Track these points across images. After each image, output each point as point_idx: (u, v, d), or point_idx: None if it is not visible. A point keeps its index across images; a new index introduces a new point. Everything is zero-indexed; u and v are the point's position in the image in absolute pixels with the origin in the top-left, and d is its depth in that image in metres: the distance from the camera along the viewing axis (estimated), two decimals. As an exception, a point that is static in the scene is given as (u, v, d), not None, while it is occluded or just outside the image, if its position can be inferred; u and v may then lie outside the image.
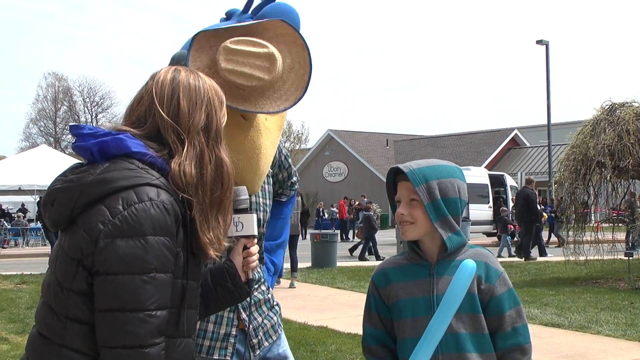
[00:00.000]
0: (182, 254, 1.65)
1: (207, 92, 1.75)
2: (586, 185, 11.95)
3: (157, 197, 1.59)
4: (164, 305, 1.59)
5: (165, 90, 1.71)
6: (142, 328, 1.54)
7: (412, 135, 51.12)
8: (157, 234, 1.57)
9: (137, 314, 1.54)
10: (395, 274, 2.18)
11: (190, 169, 1.66)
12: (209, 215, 1.70)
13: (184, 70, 1.78)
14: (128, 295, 1.54)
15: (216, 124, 1.74)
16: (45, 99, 56.85)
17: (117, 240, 1.55)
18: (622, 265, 12.21)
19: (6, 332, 8.13)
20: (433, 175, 2.10)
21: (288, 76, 2.15)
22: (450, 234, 2.09)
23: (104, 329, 1.56)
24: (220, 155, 1.73)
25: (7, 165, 25.60)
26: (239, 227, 1.97)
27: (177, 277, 1.65)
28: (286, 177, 2.68)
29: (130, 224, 1.56)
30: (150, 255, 1.55)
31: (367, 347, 2.21)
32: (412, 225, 2.11)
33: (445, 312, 1.98)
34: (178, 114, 1.69)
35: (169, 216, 1.59)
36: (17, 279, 13.50)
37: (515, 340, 2.10)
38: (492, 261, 2.16)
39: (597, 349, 6.99)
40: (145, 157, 1.65)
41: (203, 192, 1.68)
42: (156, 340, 1.57)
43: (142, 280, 1.55)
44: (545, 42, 27.68)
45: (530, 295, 10.24)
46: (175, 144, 1.68)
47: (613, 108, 11.71)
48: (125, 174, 1.61)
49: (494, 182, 28.00)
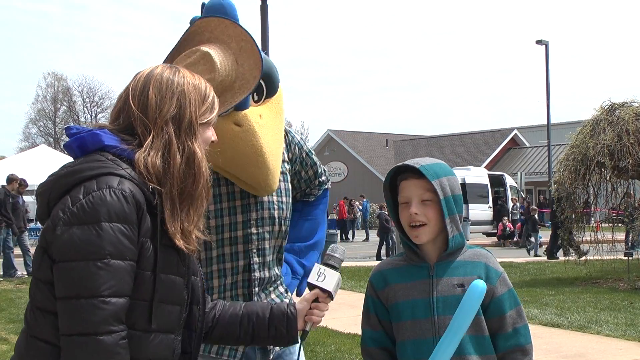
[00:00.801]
0: (150, 245, 1.63)
1: (182, 85, 1.74)
2: (586, 185, 11.95)
3: (117, 185, 1.60)
4: (121, 292, 1.56)
5: (139, 84, 1.74)
6: (95, 315, 1.52)
7: (412, 135, 51.13)
8: (113, 221, 1.56)
9: (91, 300, 1.53)
10: (393, 275, 2.16)
11: (154, 160, 1.65)
12: (178, 206, 1.69)
13: (163, 66, 1.79)
14: (82, 281, 1.53)
15: (190, 116, 1.73)
16: (44, 99, 56.89)
17: (74, 227, 1.56)
18: (621, 265, 12.22)
19: (6, 332, 8.12)
20: (441, 172, 2.08)
21: (239, 60, 2.14)
22: (456, 233, 2.08)
23: (61, 317, 1.56)
24: (193, 148, 1.71)
25: (7, 165, 25.58)
26: (320, 278, 1.96)
27: (145, 269, 1.62)
28: (312, 176, 2.60)
29: (86, 211, 1.57)
30: (104, 242, 1.55)
31: (366, 350, 2.19)
32: (425, 226, 2.06)
33: (454, 333, 1.93)
34: (146, 105, 1.70)
35: (127, 204, 1.59)
36: (16, 279, 13.52)
37: (517, 340, 2.09)
38: (492, 261, 2.14)
39: (596, 349, 6.99)
40: (116, 150, 1.67)
41: (171, 183, 1.67)
42: (112, 328, 1.54)
43: (96, 267, 1.54)
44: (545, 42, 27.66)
45: (530, 295, 10.24)
46: (144, 135, 1.69)
47: (612, 108, 11.71)
48: (92, 165, 1.64)
49: (494, 182, 28.02)
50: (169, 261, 1.68)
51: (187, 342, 1.85)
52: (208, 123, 1.80)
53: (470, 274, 2.09)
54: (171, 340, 1.72)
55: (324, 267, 1.98)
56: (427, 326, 2.06)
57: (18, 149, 52.52)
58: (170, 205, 1.67)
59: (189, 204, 1.72)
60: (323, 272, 1.97)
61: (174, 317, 1.72)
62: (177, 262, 1.71)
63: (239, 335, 1.96)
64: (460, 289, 2.07)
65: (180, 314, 1.74)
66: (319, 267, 1.98)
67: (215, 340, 1.98)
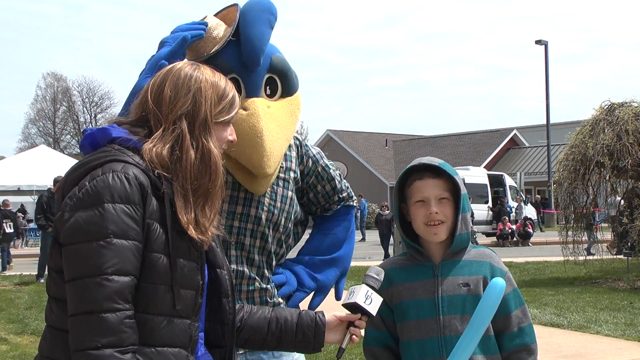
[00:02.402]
0: (158, 227, 1.63)
1: (200, 82, 1.75)
2: (585, 185, 11.96)
3: (121, 169, 1.62)
4: (124, 271, 1.56)
5: (158, 79, 1.77)
6: (98, 292, 1.52)
7: (412, 135, 51.13)
8: (116, 202, 1.58)
9: (94, 278, 1.53)
10: (397, 275, 2.16)
11: (160, 150, 1.67)
12: (192, 200, 1.69)
13: (188, 63, 1.81)
14: (86, 261, 1.55)
15: (205, 114, 1.74)
16: (44, 99, 56.85)
17: (79, 211, 1.58)
18: (621, 265, 12.23)
19: (5, 333, 8.12)
20: (452, 171, 2.12)
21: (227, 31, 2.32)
22: (464, 231, 2.10)
23: (69, 300, 1.57)
24: (208, 146, 1.72)
25: (6, 165, 25.57)
26: (367, 301, 1.95)
27: (154, 251, 1.62)
28: (330, 191, 2.55)
29: (90, 194, 1.59)
30: (107, 221, 1.56)
31: (369, 350, 2.19)
32: (443, 225, 2.09)
33: (475, 332, 1.93)
34: (161, 100, 1.72)
35: (130, 185, 1.60)
36: (16, 279, 13.52)
37: (522, 340, 2.10)
38: (496, 261, 2.15)
39: (596, 349, 7.00)
40: (122, 140, 1.70)
41: (183, 177, 1.68)
42: (116, 306, 1.53)
43: (99, 245, 1.55)
44: (545, 42, 27.72)
45: (530, 295, 10.24)
46: (155, 127, 1.72)
47: (612, 108, 11.72)
48: (99, 156, 1.67)
49: (493, 182, 28.01)
50: (180, 246, 1.68)
51: (221, 335, 1.84)
52: (224, 123, 1.80)
53: (476, 274, 2.10)
54: (187, 325, 1.69)
55: (371, 290, 1.97)
56: (432, 326, 2.07)
57: (17, 149, 52.56)
58: (183, 198, 1.68)
59: (204, 200, 1.72)
60: (370, 295, 1.95)
61: (189, 302, 1.70)
62: (188, 248, 1.70)
63: (265, 339, 1.97)
64: (466, 288, 2.07)
65: (195, 299, 1.71)
66: (366, 290, 1.96)
67: (241, 342, 1.98)
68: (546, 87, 28.26)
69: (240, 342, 1.97)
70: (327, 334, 1.98)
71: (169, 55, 2.15)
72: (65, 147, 54.23)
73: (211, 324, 1.85)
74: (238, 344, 1.98)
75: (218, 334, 1.84)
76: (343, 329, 1.98)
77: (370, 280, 1.99)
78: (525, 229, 24.23)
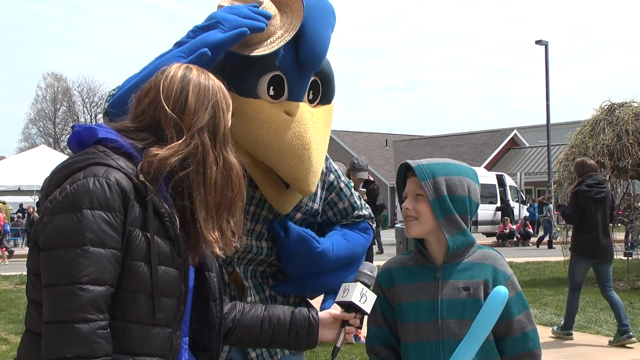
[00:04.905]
0: (139, 234, 1.60)
1: (216, 94, 1.74)
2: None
3: (103, 174, 1.59)
4: (100, 280, 1.52)
5: (175, 86, 1.71)
6: (71, 301, 1.50)
7: (412, 135, 51.10)
8: (95, 208, 1.55)
9: (69, 287, 1.51)
10: (399, 275, 2.15)
11: (170, 159, 1.63)
12: (216, 215, 1.68)
13: (195, 68, 1.77)
14: (61, 269, 1.52)
15: (223, 126, 1.73)
16: (44, 100, 56.85)
17: (58, 215, 1.56)
18: (621, 265, 12.21)
19: (5, 333, 8.14)
20: (441, 172, 2.08)
21: (282, 25, 2.11)
22: (456, 232, 2.05)
23: (44, 306, 1.55)
24: (229, 159, 1.71)
25: (7, 165, 25.56)
26: (362, 299, 1.93)
27: (134, 259, 1.59)
28: (349, 207, 2.43)
29: (69, 199, 1.56)
30: (84, 228, 1.53)
31: (371, 347, 2.19)
32: (416, 221, 2.08)
33: (475, 338, 1.90)
34: (184, 110, 1.68)
35: (110, 191, 1.57)
36: (16, 279, 13.51)
37: (525, 345, 2.07)
38: (501, 263, 2.11)
39: (596, 349, 7.01)
40: (112, 143, 1.66)
41: (206, 191, 1.66)
42: (89, 316, 1.50)
43: (75, 253, 1.52)
44: (545, 42, 27.64)
45: (530, 295, 10.24)
46: (172, 137, 1.67)
47: (612, 108, 11.71)
48: (82, 158, 1.64)
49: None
50: (163, 253, 1.64)
51: (207, 339, 1.83)
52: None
53: (477, 277, 2.07)
54: (168, 334, 1.66)
55: (365, 288, 1.95)
56: (431, 329, 2.05)
57: (18, 149, 52.56)
58: (207, 213, 1.66)
59: (228, 213, 1.71)
60: (365, 293, 1.94)
61: (170, 311, 1.66)
62: (171, 254, 1.66)
63: (258, 338, 1.96)
64: (466, 292, 2.05)
65: (177, 307, 1.68)
66: (361, 288, 1.94)
67: (234, 341, 1.97)
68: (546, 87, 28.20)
69: (233, 342, 1.97)
70: (320, 331, 1.98)
71: (220, 45, 1.96)
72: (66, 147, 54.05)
73: (198, 327, 1.83)
74: (231, 342, 1.98)
75: (204, 337, 1.82)
76: (337, 327, 1.98)
77: (365, 278, 1.98)
78: (525, 229, 24.23)
